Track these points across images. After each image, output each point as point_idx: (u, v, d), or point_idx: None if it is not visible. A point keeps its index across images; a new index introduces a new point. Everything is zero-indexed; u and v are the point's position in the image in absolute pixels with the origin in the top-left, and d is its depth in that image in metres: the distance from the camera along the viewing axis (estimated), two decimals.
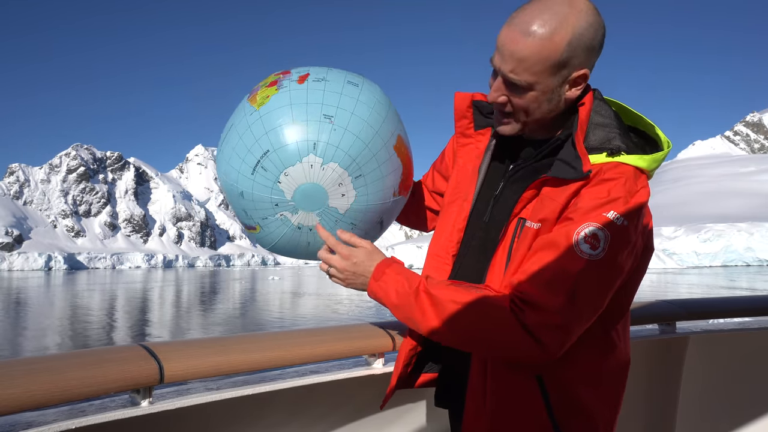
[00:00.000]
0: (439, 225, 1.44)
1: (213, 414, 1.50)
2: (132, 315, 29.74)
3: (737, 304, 2.68)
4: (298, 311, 29.73)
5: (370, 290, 1.31)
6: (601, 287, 1.15)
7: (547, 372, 1.21)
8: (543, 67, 1.17)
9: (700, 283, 48.79)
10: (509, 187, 1.32)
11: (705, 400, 2.52)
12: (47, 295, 49.61)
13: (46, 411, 1.25)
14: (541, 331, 1.12)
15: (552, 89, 1.21)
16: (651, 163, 1.21)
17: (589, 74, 1.22)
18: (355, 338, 1.67)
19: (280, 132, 1.31)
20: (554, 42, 1.15)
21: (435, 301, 1.20)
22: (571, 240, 1.13)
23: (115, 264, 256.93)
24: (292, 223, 1.38)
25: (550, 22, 1.15)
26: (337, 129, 1.32)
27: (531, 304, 1.13)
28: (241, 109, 1.41)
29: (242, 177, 1.35)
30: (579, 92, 1.24)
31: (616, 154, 1.19)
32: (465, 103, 1.44)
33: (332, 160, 1.32)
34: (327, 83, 1.37)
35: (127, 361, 1.29)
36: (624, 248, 1.15)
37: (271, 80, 1.40)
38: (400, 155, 1.43)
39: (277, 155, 1.31)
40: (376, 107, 1.39)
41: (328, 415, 1.72)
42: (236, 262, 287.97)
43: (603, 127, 1.23)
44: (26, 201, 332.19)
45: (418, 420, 1.87)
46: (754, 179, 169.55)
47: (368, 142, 1.35)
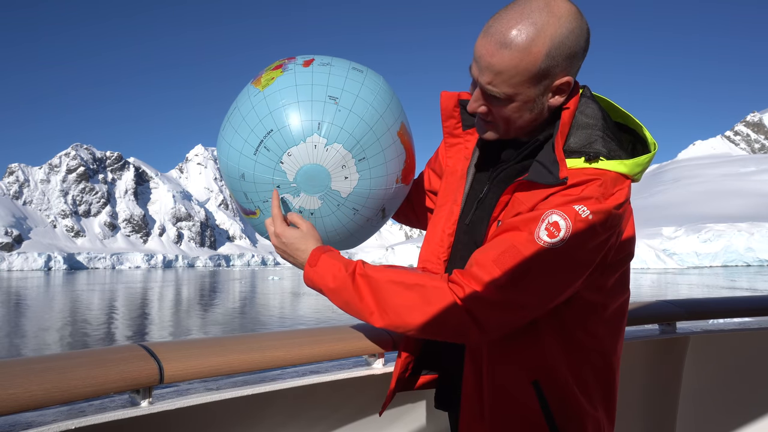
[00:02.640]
0: (429, 230, 1.42)
1: (213, 414, 1.50)
2: (132, 315, 29.74)
3: (737, 304, 2.68)
4: (298, 311, 29.72)
5: (306, 277, 1.29)
6: (553, 277, 1.12)
7: (543, 375, 1.20)
8: (522, 80, 1.13)
9: (700, 283, 48.77)
10: (493, 189, 1.30)
11: (705, 400, 2.52)
12: (47, 295, 49.59)
13: (46, 411, 1.25)
14: (478, 307, 1.10)
15: (533, 99, 1.17)
16: (633, 167, 1.17)
17: (572, 81, 1.18)
18: (355, 338, 1.67)
19: (285, 111, 1.29)
20: (532, 53, 1.10)
21: (372, 282, 1.19)
22: (530, 225, 1.11)
23: (115, 264, 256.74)
24: (294, 206, 1.36)
25: (527, 31, 1.09)
26: (341, 110, 1.30)
27: (472, 277, 1.11)
28: (245, 91, 1.39)
29: (244, 158, 1.33)
30: (563, 99, 1.19)
31: (593, 161, 1.16)
32: (451, 103, 1.41)
33: (336, 140, 1.30)
34: (332, 67, 1.36)
35: (126, 362, 1.29)
36: (587, 243, 1.11)
37: (276, 64, 1.39)
38: (403, 142, 1.42)
39: (281, 135, 1.29)
40: (380, 93, 1.38)
41: (328, 415, 1.72)
42: (236, 262, 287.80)
43: (585, 129, 1.19)
44: (26, 201, 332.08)
45: (418, 420, 1.87)
46: (755, 179, 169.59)
47: (372, 125, 1.33)
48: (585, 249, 1.11)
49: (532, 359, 1.21)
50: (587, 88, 1.27)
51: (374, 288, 1.18)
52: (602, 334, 1.25)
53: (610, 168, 1.15)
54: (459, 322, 1.12)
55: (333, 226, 1.42)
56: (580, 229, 1.09)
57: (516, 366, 1.22)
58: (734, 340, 2.60)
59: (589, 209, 1.10)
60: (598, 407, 1.25)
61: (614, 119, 1.29)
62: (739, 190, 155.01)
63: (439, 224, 1.39)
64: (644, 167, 1.20)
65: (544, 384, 1.20)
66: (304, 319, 25.30)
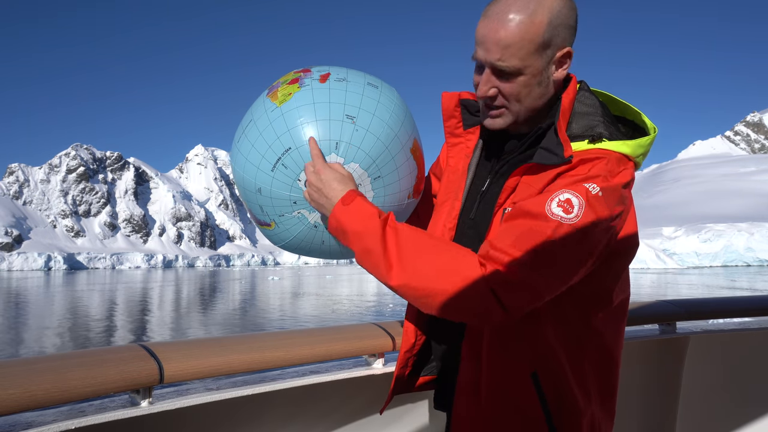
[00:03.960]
0: (430, 227, 1.43)
1: (213, 414, 1.50)
2: (132, 315, 29.75)
3: (737, 304, 2.68)
4: (298, 311, 29.73)
5: (333, 216, 1.24)
6: (570, 253, 1.12)
7: (542, 367, 1.21)
8: (529, 50, 1.18)
9: (700, 283, 48.80)
10: (495, 182, 1.32)
11: (705, 400, 2.52)
12: (47, 295, 49.60)
13: (46, 411, 1.25)
14: (503, 287, 1.10)
15: (540, 71, 1.21)
16: (636, 148, 1.21)
17: (572, 52, 1.23)
18: (355, 338, 1.67)
19: (303, 129, 1.31)
20: (535, 24, 1.17)
21: (401, 236, 1.16)
22: (543, 206, 1.12)
23: (115, 264, 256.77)
24: (309, 221, 1.37)
25: (526, 6, 1.17)
26: (359, 129, 1.32)
27: (494, 259, 1.11)
28: (260, 104, 1.40)
29: (261, 173, 1.34)
30: (565, 72, 1.25)
31: (597, 141, 1.20)
32: (452, 103, 1.43)
33: (353, 160, 1.32)
34: (348, 84, 1.37)
35: (126, 362, 1.29)
36: (600, 220, 1.12)
37: (292, 77, 1.40)
38: (416, 158, 1.44)
39: (299, 153, 1.30)
40: (395, 110, 1.40)
41: (328, 415, 1.72)
42: (236, 262, 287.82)
43: (586, 116, 1.24)
44: (26, 201, 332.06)
45: (418, 420, 1.87)
46: (755, 179, 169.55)
47: (388, 144, 1.35)
48: (599, 225, 1.13)
49: (533, 351, 1.21)
50: (584, 83, 1.30)
51: (402, 242, 1.16)
52: (603, 330, 1.26)
53: (613, 148, 1.19)
54: (483, 300, 1.11)
55: None
56: (593, 204, 1.12)
57: (516, 358, 1.22)
58: (734, 340, 2.60)
59: (598, 186, 1.13)
60: (595, 403, 1.25)
61: (613, 113, 1.32)
62: (739, 190, 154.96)
63: (440, 220, 1.39)
64: (646, 150, 1.23)
65: (542, 376, 1.21)
66: (304, 319, 25.30)
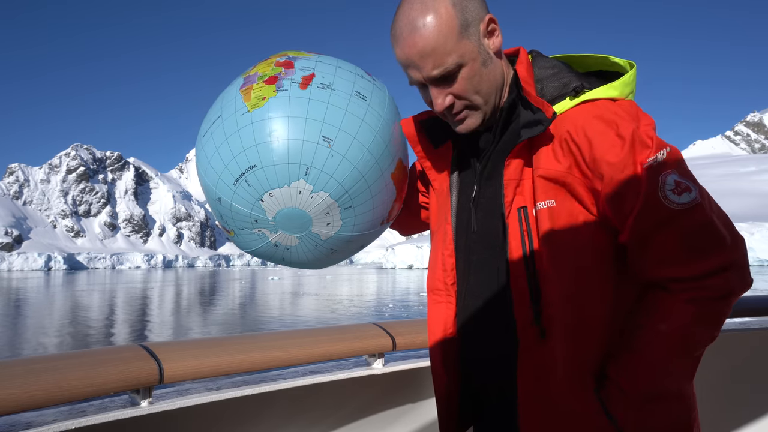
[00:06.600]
0: (431, 257, 1.37)
1: (213, 414, 1.50)
2: (132, 315, 29.74)
3: (737, 304, 2.67)
4: (298, 311, 29.72)
5: None
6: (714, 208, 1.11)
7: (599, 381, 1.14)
8: (453, 41, 1.14)
9: None
10: (485, 183, 1.26)
11: (705, 400, 2.52)
12: (47, 295, 49.60)
13: (46, 411, 1.26)
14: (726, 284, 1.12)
15: (476, 51, 1.17)
16: (622, 87, 1.17)
17: (494, 17, 1.18)
18: (355, 338, 1.67)
19: (272, 148, 1.18)
20: (443, 15, 1.13)
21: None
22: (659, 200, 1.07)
23: (115, 264, 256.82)
24: (269, 240, 1.29)
25: (425, 7, 1.14)
26: (334, 155, 1.20)
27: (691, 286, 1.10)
28: (231, 99, 1.26)
29: (222, 184, 1.23)
30: (500, 38, 1.20)
31: (580, 93, 1.16)
32: (413, 128, 1.36)
33: (323, 189, 1.21)
34: (332, 93, 1.24)
35: (126, 362, 1.29)
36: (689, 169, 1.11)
37: (271, 73, 1.27)
38: (396, 183, 1.34)
39: (264, 173, 1.18)
40: (380, 130, 1.28)
41: (328, 415, 1.72)
42: (236, 262, 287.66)
43: (554, 77, 1.20)
44: (26, 201, 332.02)
45: (418, 420, 1.87)
46: (755, 179, 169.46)
47: (366, 173, 1.25)
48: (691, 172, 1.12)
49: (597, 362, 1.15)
50: (537, 51, 1.27)
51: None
52: None
53: (600, 95, 1.15)
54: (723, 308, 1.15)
55: (307, 259, 1.36)
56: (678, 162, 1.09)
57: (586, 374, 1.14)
58: (734, 340, 2.60)
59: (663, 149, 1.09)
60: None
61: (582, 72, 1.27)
62: (739, 190, 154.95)
63: (438, 249, 1.34)
64: (633, 86, 1.20)
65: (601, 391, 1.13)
66: (304, 319, 25.30)
